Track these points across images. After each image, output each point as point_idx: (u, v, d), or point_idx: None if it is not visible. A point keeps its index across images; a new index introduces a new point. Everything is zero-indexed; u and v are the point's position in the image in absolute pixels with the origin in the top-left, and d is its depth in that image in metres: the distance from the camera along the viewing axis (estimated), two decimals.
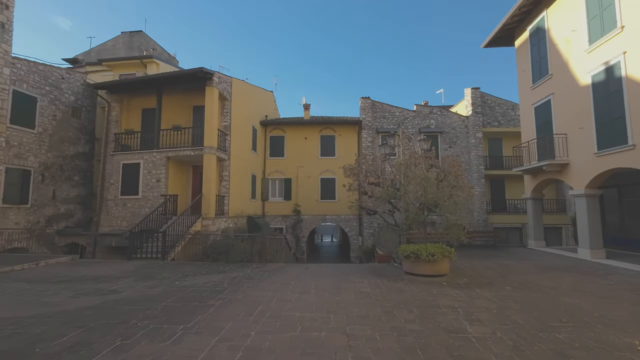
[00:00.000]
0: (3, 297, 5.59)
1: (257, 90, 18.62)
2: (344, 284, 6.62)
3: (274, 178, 19.57)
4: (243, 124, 15.97)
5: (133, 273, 7.78)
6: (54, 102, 13.62)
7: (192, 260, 10.04)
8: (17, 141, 12.06)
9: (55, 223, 13.61)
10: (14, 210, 11.96)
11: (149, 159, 13.15)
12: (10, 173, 11.77)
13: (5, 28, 11.19)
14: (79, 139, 14.82)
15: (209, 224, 12.01)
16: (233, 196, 14.19)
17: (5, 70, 11.17)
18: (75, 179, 14.58)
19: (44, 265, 8.78)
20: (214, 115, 12.56)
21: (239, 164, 15.18)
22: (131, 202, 13.15)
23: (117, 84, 13.59)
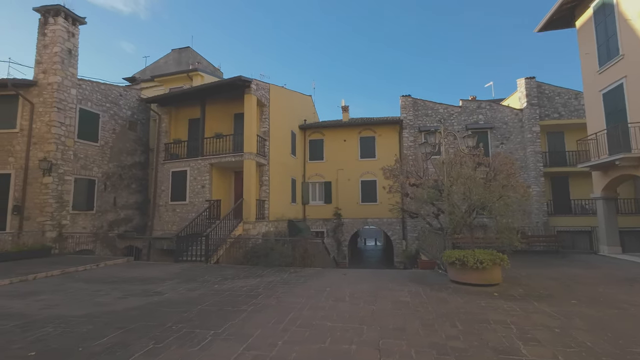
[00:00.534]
0: (64, 296, 6.12)
1: (295, 95, 18.84)
2: (382, 292, 6.25)
3: (314, 182, 19.58)
4: (281, 129, 16.20)
5: (177, 275, 8.14)
6: (114, 117, 14.97)
7: (233, 264, 10.30)
8: (83, 154, 13.42)
9: (116, 227, 14.89)
10: (82, 216, 13.29)
11: (194, 166, 13.87)
12: (78, 183, 13.11)
13: (72, 54, 12.56)
14: (135, 150, 16.12)
15: (250, 227, 12.28)
16: (273, 200, 14.40)
17: (72, 91, 12.53)
18: (132, 186, 15.87)
19: (103, 266, 9.57)
20: (253, 121, 12.87)
21: (279, 169, 15.40)
22: (180, 207, 13.95)
23: (165, 97, 14.56)
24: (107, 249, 14.23)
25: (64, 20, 12.18)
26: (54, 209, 11.52)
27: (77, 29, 12.75)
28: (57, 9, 12.07)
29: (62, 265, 9.01)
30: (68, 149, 12.21)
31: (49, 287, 6.88)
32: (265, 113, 14.29)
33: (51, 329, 4.33)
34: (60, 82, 11.91)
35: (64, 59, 12.11)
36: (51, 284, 7.12)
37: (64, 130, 12.06)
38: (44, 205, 11.35)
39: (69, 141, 12.23)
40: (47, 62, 11.96)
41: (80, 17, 12.80)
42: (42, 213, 11.32)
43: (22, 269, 8.43)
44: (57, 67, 11.85)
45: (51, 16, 12.09)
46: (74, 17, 12.58)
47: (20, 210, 11.31)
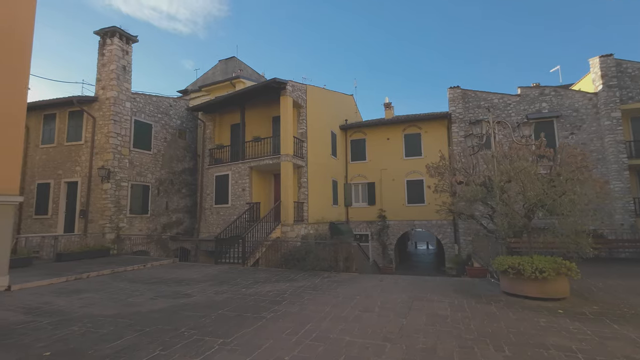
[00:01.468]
0: (103, 295, 6.43)
1: (334, 95, 18.49)
2: (418, 303, 5.54)
3: (357, 183, 18.98)
4: (320, 129, 15.94)
5: (212, 278, 8.21)
6: (165, 126, 16.02)
7: (270, 267, 10.20)
8: (138, 162, 14.52)
9: (169, 229, 15.86)
10: (138, 219, 14.36)
11: (235, 169, 14.21)
12: (134, 188, 14.20)
13: (126, 70, 13.66)
14: (184, 157, 17.09)
15: (288, 230, 12.15)
16: (312, 202, 14.16)
17: (127, 104, 13.61)
18: (183, 191, 16.82)
19: (150, 267, 10.10)
20: (289, 123, 12.79)
21: (318, 170, 15.14)
22: (223, 210, 14.38)
23: (207, 104, 15.15)
24: (160, 250, 15.20)
25: (119, 40, 13.33)
26: (112, 213, 12.58)
27: (130, 47, 13.87)
28: (113, 30, 13.24)
29: (114, 265, 9.69)
30: (124, 157, 13.28)
31: (96, 285, 7.34)
32: (302, 114, 14.16)
33: (77, 328, 4.46)
34: (116, 97, 13.02)
35: (119, 75, 13.23)
36: (98, 283, 7.61)
37: (120, 140, 13.15)
38: (103, 209, 12.44)
39: (124, 150, 13.30)
40: (105, 79, 13.17)
41: (133, 36, 13.92)
42: (102, 216, 12.41)
43: (81, 268, 9.22)
44: (113, 83, 12.98)
45: (108, 37, 13.31)
46: (127, 36, 13.71)
47: (85, 214, 12.54)
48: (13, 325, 4.63)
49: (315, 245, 9.40)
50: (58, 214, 13.11)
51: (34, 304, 5.81)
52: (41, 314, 5.17)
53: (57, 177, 13.34)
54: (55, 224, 13.09)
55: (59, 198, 13.21)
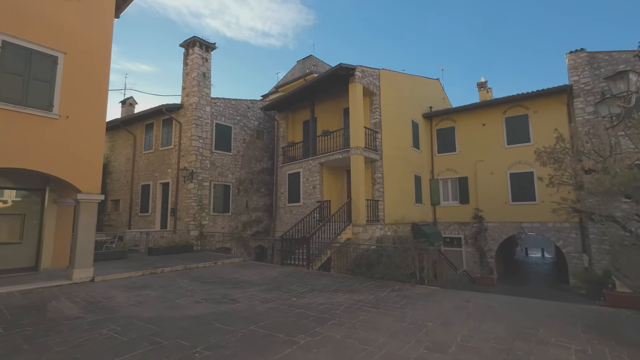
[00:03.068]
0: (159, 294, 6.36)
1: (414, 80, 16.42)
2: (523, 345, 3.73)
3: (445, 178, 16.47)
4: (398, 118, 14.21)
5: (270, 281, 7.61)
6: (243, 128, 16.59)
7: (337, 271, 9.18)
8: (219, 163, 15.28)
9: (249, 228, 16.34)
10: (220, 217, 15.09)
11: (306, 167, 13.66)
12: (216, 188, 14.97)
13: (206, 76, 14.46)
14: (262, 157, 17.46)
15: (360, 231, 10.92)
16: (389, 200, 12.60)
17: (207, 109, 14.38)
18: (261, 190, 17.18)
19: (220, 264, 10.18)
20: (359, 112, 11.55)
21: (395, 164, 13.47)
22: (295, 209, 14.00)
23: (277, 102, 14.96)
24: (242, 247, 15.71)
25: (199, 48, 14.20)
26: (195, 211, 13.39)
27: (209, 54, 14.68)
28: (194, 40, 14.17)
29: (189, 262, 10.05)
30: (205, 158, 14.06)
31: (161, 282, 7.46)
32: (375, 102, 12.73)
33: (105, 331, 4.20)
34: (197, 102, 13.88)
35: (200, 81, 14.07)
36: (165, 279, 7.75)
37: (202, 142, 13.96)
38: (188, 207, 13.33)
39: (205, 152, 14.08)
40: (188, 87, 14.19)
41: (211, 44, 14.70)
42: (187, 214, 13.31)
43: (161, 263, 9.79)
44: (194, 89, 13.86)
45: (190, 47, 14.31)
46: (206, 44, 14.54)
47: (174, 212, 13.66)
48: (62, 320, 4.66)
49: (383, 250, 7.96)
50: (155, 212, 14.67)
51: (98, 297, 6.02)
52: (94, 309, 5.20)
53: (155, 179, 14.95)
54: (154, 221, 14.67)
55: (156, 197, 14.77)
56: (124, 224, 15.77)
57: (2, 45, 6.69)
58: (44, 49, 7.22)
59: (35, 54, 7.11)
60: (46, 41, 7.24)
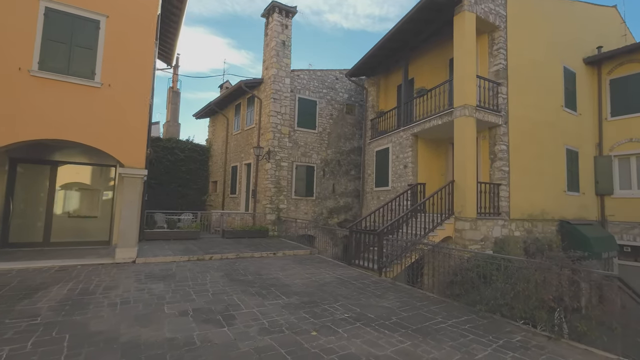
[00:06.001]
0: (159, 292, 5.03)
1: (571, 5, 10.94)
2: None
3: (625, 154, 10.60)
4: (538, 64, 9.53)
5: (313, 290, 5.42)
6: (330, 102, 14.61)
7: (427, 288, 6.24)
8: (303, 141, 13.78)
9: (336, 215, 14.44)
10: (303, 201, 13.66)
11: (396, 140, 10.66)
12: (299, 169, 13.57)
13: (285, 45, 13.00)
14: (353, 134, 15.15)
15: (466, 228, 7.46)
16: (519, 185, 8.47)
17: (286, 81, 12.94)
18: (351, 173, 14.97)
19: (281, 256, 8.57)
20: (468, 54, 7.86)
21: (532, 132, 9.05)
22: (383, 194, 11.23)
23: (363, 63, 11.98)
24: (327, 236, 14.00)
25: (278, 14, 12.82)
26: (272, 194, 12.28)
27: (289, 20, 13.14)
28: (273, 5, 12.83)
29: (250, 249, 8.83)
30: (284, 136, 12.74)
31: (191, 273, 6.25)
32: (498, 41, 8.61)
33: None
34: (275, 74, 12.59)
35: (279, 51, 12.71)
36: (199, 270, 6.53)
37: (280, 118, 12.66)
38: (265, 190, 12.32)
39: (284, 129, 12.74)
40: (267, 59, 13.05)
41: (291, 7, 13.11)
42: (265, 197, 12.32)
43: (222, 247, 8.89)
44: (273, 60, 12.59)
45: (269, 15, 13.08)
46: (286, 9, 13.03)
47: (254, 194, 12.92)
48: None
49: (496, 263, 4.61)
50: (241, 194, 14.36)
51: (125, 284, 5.18)
52: (100, 301, 4.14)
53: (240, 160, 14.62)
54: (240, 202, 14.40)
55: (242, 179, 14.45)
56: (220, 205, 16.23)
57: (45, 13, 6.47)
58: (86, 13, 6.79)
59: (77, 20, 6.73)
60: (88, 4, 6.80)
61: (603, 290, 3.43)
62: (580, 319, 3.47)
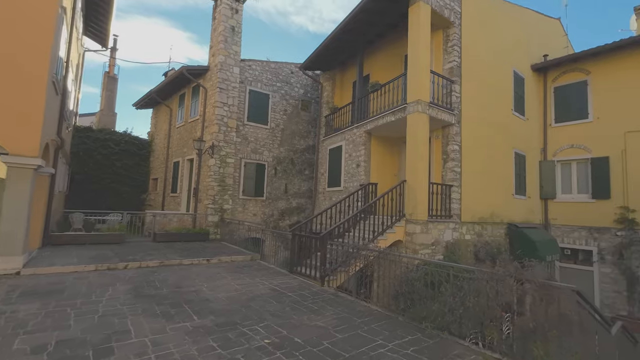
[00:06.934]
0: (21, 317, 3.83)
1: (521, 12, 11.13)
2: None
3: (567, 159, 10.94)
4: (491, 66, 9.47)
5: (238, 307, 4.50)
6: (285, 97, 13.75)
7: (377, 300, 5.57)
8: (253, 137, 12.75)
9: (288, 216, 13.56)
10: (252, 202, 12.62)
11: (349, 138, 10.07)
12: (248, 167, 12.52)
13: (235, 31, 11.90)
14: (308, 132, 14.40)
15: (417, 231, 6.98)
16: (470, 187, 8.22)
17: (235, 70, 11.85)
18: (305, 172, 14.20)
19: (216, 262, 7.52)
20: (423, 47, 7.44)
21: (484, 133, 8.90)
22: (335, 195, 10.58)
23: (318, 53, 11.17)
24: (277, 239, 13.04)
25: None
26: (215, 192, 11.11)
27: (240, 5, 12.08)
28: None
29: (180, 255, 7.68)
30: (231, 130, 11.63)
31: (93, 286, 5.05)
32: (453, 38, 8.34)
33: None
34: (223, 62, 11.46)
35: (227, 37, 11.60)
36: (104, 281, 5.33)
37: (227, 110, 11.54)
38: (208, 188, 11.11)
39: (231, 122, 11.63)
40: (214, 45, 11.88)
41: None
42: (207, 196, 11.11)
43: (144, 254, 7.61)
44: (220, 46, 11.45)
45: None
46: None
47: (195, 193, 11.64)
48: None
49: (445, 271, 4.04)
50: (182, 192, 12.97)
51: None
52: None
53: (183, 155, 13.24)
54: (181, 202, 13.01)
55: (183, 176, 13.06)
56: (160, 205, 14.63)
57: None
58: None
59: None
60: None
61: (561, 306, 2.95)
62: (535, 340, 2.96)
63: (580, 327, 2.90)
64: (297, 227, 7.22)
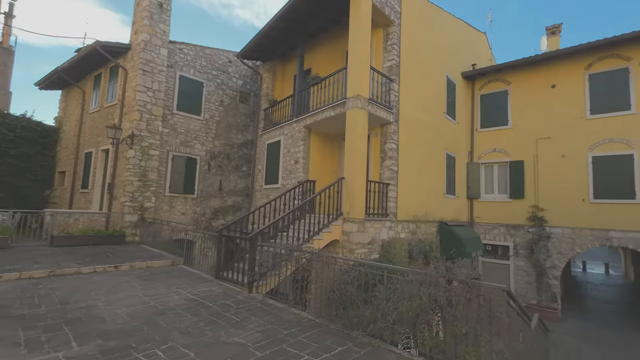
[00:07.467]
0: None
1: (455, 22, 11.76)
2: None
3: (490, 162, 11.84)
4: (427, 69, 9.76)
5: (146, 321, 3.70)
6: (221, 87, 12.74)
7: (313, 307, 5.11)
8: (183, 128, 11.54)
9: (222, 216, 12.57)
10: (181, 199, 11.41)
11: (288, 133, 9.59)
12: (176, 161, 11.28)
13: (163, 8, 10.57)
14: (247, 126, 13.56)
15: (354, 230, 6.76)
16: (407, 186, 8.31)
17: (162, 51, 10.54)
18: (243, 169, 13.33)
19: (126, 269, 6.43)
20: (363, 42, 7.26)
21: (420, 133, 9.10)
22: (273, 193, 10.01)
23: (257, 41, 10.44)
24: (210, 240, 12.00)
25: None
26: (135, 189, 9.74)
27: None
28: None
29: (81, 262, 6.42)
30: (155, 118, 10.33)
31: None
32: (393, 36, 8.35)
33: None
34: (147, 40, 10.11)
35: (153, 13, 10.27)
36: None
37: (151, 96, 10.22)
38: (125, 183, 9.70)
39: (156, 109, 10.34)
40: (137, 21, 10.45)
41: None
42: (124, 193, 9.69)
43: (30, 261, 6.20)
44: (144, 22, 10.09)
45: None
46: None
47: (111, 189, 10.11)
48: None
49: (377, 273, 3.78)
50: (95, 188, 11.22)
51: None
52: None
53: (97, 145, 11.47)
54: (92, 199, 11.24)
55: (96, 169, 11.31)
56: (67, 202, 12.51)
57: None
58: None
59: None
60: None
61: (492, 308, 2.84)
62: (467, 345, 2.80)
63: (509, 328, 2.81)
64: (225, 227, 6.49)
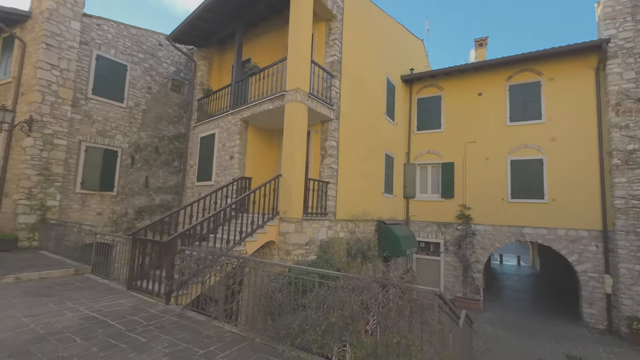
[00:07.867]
0: None
1: (395, 26, 12.08)
2: None
3: (424, 163, 12.42)
4: (368, 68, 9.81)
5: (19, 348, 2.87)
6: (149, 72, 11.43)
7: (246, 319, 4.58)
8: (101, 116, 10.08)
9: (148, 216, 11.30)
10: (97, 197, 9.96)
11: (224, 126, 8.89)
12: (91, 152, 9.81)
13: None
14: (180, 118, 12.38)
15: (291, 230, 6.41)
16: (346, 185, 8.21)
17: (73, 24, 9.01)
18: (174, 164, 12.14)
19: (11, 282, 5.25)
20: (304, 33, 6.94)
21: (359, 132, 9.09)
22: (205, 190, 9.21)
23: (188, 24, 9.33)
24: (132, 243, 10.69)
25: None
26: (33, 184, 8.20)
27: None
28: None
29: None
30: (63, 102, 8.82)
31: None
32: (335, 31, 8.18)
33: None
34: (54, 9, 8.57)
35: None
36: None
37: (57, 76, 8.69)
38: (20, 177, 8.10)
39: (64, 92, 8.83)
40: None
41: None
42: (18, 188, 8.09)
43: None
44: None
45: None
46: None
47: (0, 185, 8.37)
48: None
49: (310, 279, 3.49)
50: None
51: None
52: None
53: None
54: None
55: None
56: None
57: None
58: None
59: None
60: None
61: (424, 314, 2.72)
62: (399, 355, 2.63)
63: (441, 334, 2.72)
64: (137, 230, 5.66)
